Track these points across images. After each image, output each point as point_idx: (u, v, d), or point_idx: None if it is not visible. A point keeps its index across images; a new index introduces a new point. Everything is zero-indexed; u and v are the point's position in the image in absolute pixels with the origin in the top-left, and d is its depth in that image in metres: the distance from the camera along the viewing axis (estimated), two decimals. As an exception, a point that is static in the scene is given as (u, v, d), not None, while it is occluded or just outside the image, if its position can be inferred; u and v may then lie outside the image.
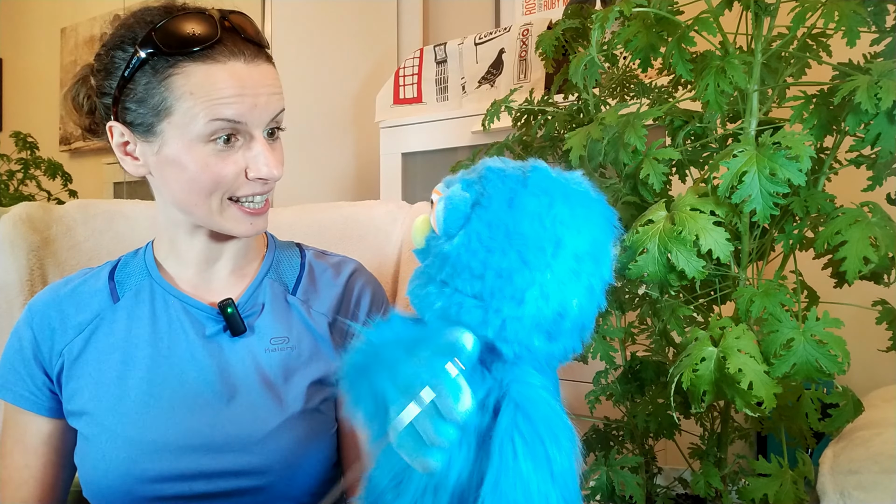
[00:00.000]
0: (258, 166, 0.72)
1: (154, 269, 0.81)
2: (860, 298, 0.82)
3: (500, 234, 0.48)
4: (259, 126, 0.72)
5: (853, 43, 0.71)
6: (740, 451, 1.09)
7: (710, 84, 0.76)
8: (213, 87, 0.69)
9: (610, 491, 0.92)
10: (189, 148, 0.70)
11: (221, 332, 0.79)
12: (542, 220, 0.48)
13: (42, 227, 1.02)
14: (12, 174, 2.48)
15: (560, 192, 0.49)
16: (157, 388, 0.75)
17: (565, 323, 0.48)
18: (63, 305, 0.80)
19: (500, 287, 0.47)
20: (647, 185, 0.81)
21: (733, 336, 0.71)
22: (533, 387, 0.49)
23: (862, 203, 0.75)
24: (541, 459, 0.46)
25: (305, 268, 0.86)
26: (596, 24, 0.84)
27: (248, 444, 0.74)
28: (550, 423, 0.48)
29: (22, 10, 3.37)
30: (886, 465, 0.71)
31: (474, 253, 0.48)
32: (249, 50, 0.71)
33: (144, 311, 0.79)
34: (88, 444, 0.75)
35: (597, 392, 1.04)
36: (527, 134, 1.13)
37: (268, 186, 0.75)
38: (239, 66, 0.70)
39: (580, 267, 0.48)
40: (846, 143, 0.79)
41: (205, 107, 0.68)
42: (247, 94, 0.70)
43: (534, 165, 0.51)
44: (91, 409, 0.75)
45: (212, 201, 0.73)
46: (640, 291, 0.98)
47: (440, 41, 1.96)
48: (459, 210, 0.49)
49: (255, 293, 0.82)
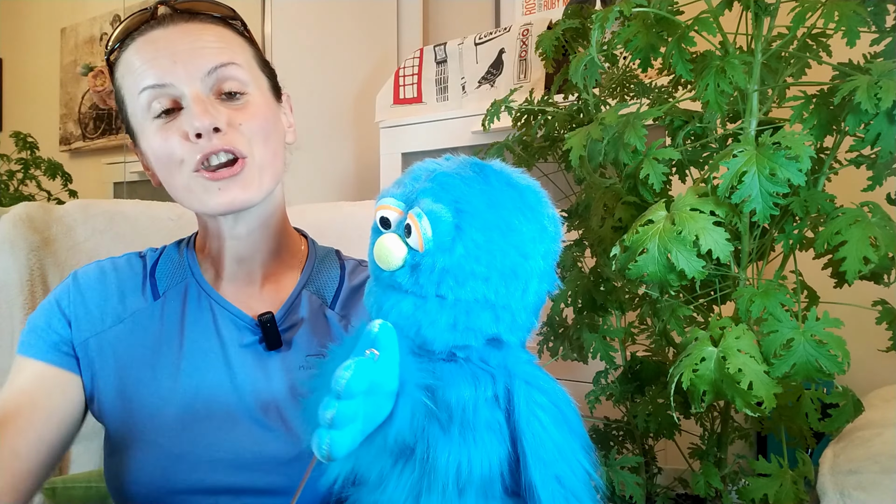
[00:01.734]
0: (188, 121, 0.66)
1: (197, 268, 0.78)
2: (860, 298, 0.82)
3: (495, 234, 0.49)
4: (189, 82, 0.67)
5: (853, 43, 0.71)
6: (740, 451, 1.09)
7: (710, 84, 0.76)
8: (134, 60, 0.69)
9: (610, 491, 0.92)
10: (144, 133, 0.70)
11: (257, 343, 0.75)
12: (523, 211, 0.50)
13: (42, 227, 1.02)
14: (12, 174, 2.48)
15: (512, 181, 0.52)
16: (191, 398, 0.72)
17: (544, 298, 0.53)
18: (108, 288, 0.76)
19: (505, 284, 0.49)
20: (647, 185, 0.81)
21: (733, 336, 0.71)
22: (528, 362, 0.53)
23: (862, 203, 0.75)
24: (561, 422, 0.51)
25: (345, 280, 0.82)
26: (596, 24, 0.84)
27: (278, 464, 0.71)
28: (553, 387, 0.52)
29: (22, 10, 3.37)
30: (886, 465, 0.71)
31: (477, 259, 0.48)
32: (175, 19, 0.70)
33: (181, 312, 0.76)
34: (122, 449, 0.72)
35: (597, 392, 1.04)
36: (527, 134, 1.13)
37: (215, 143, 0.67)
38: (157, 32, 0.69)
39: (554, 247, 0.52)
40: (846, 143, 0.79)
41: (133, 82, 0.68)
42: (161, 55, 0.67)
43: (470, 161, 0.53)
44: (125, 413, 0.72)
45: (179, 178, 0.69)
46: (640, 291, 0.99)
47: (440, 41, 1.96)
48: (447, 222, 0.48)
49: (293, 306, 0.78)
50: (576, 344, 1.04)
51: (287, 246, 0.81)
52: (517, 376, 0.51)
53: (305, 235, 0.87)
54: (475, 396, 0.51)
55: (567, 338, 1.06)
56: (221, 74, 0.69)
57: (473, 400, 0.51)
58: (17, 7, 3.40)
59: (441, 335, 0.50)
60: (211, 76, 0.68)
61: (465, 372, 0.52)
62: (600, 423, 1.08)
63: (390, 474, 0.53)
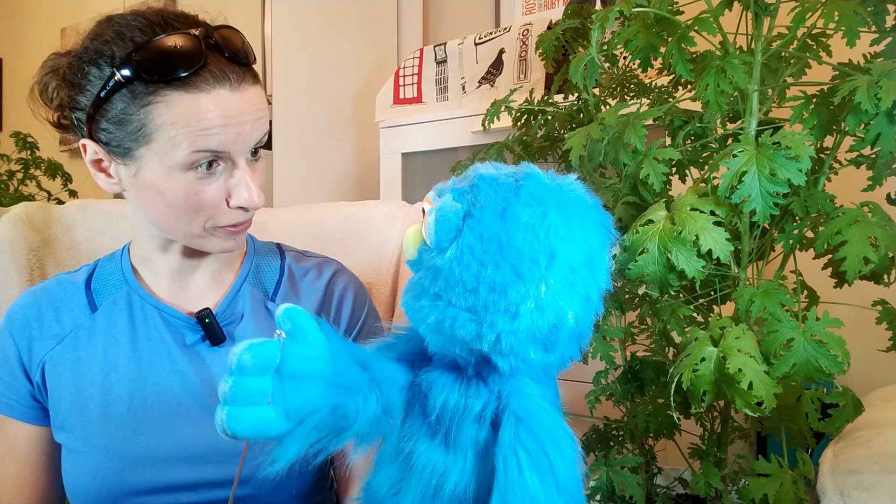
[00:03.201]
0: (240, 194, 0.69)
1: (131, 275, 0.79)
2: (860, 298, 0.82)
3: (492, 246, 0.46)
4: (242, 153, 0.69)
5: (853, 43, 0.71)
6: (740, 451, 1.09)
7: (710, 84, 0.76)
8: (196, 118, 0.65)
9: (610, 491, 0.92)
10: (169, 175, 0.67)
11: (201, 341, 0.77)
12: (536, 231, 0.46)
13: (42, 227, 1.02)
14: (12, 174, 2.48)
15: (553, 200, 0.48)
16: (139, 399, 0.74)
17: (561, 334, 0.47)
18: (42, 313, 0.78)
19: (493, 301, 0.46)
20: (647, 185, 0.81)
21: (733, 336, 0.71)
22: (532, 398, 0.49)
23: (862, 203, 0.75)
24: (546, 471, 0.46)
25: (285, 272, 0.84)
26: (596, 24, 0.84)
27: (231, 454, 0.73)
28: (552, 433, 0.48)
29: (22, 10, 3.37)
30: (886, 465, 0.71)
31: (467, 266, 0.46)
32: (235, 73, 0.67)
33: (123, 321, 0.77)
34: (73, 456, 0.74)
35: (597, 392, 1.04)
36: (527, 134, 1.13)
37: (249, 214, 0.73)
38: (224, 93, 0.66)
39: (575, 277, 0.47)
40: (846, 143, 0.79)
41: (187, 137, 0.65)
42: (231, 124, 0.66)
43: (526, 172, 0.50)
44: (73, 422, 0.74)
45: (192, 227, 0.71)
46: (640, 291, 0.98)
47: (440, 41, 1.96)
48: (451, 222, 0.47)
49: (233, 301, 0.80)
50: (576, 344, 1.04)
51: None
52: (510, 407, 0.48)
53: None
54: (462, 407, 0.49)
55: (567, 338, 1.06)
56: (260, 141, 0.71)
57: (460, 410, 0.49)
58: (17, 7, 3.40)
59: (428, 334, 0.50)
60: (256, 145, 0.71)
61: (459, 382, 0.51)
62: (600, 423, 1.08)
63: (381, 464, 0.54)
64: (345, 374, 0.48)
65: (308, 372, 0.46)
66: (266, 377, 0.44)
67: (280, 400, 0.44)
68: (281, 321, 0.46)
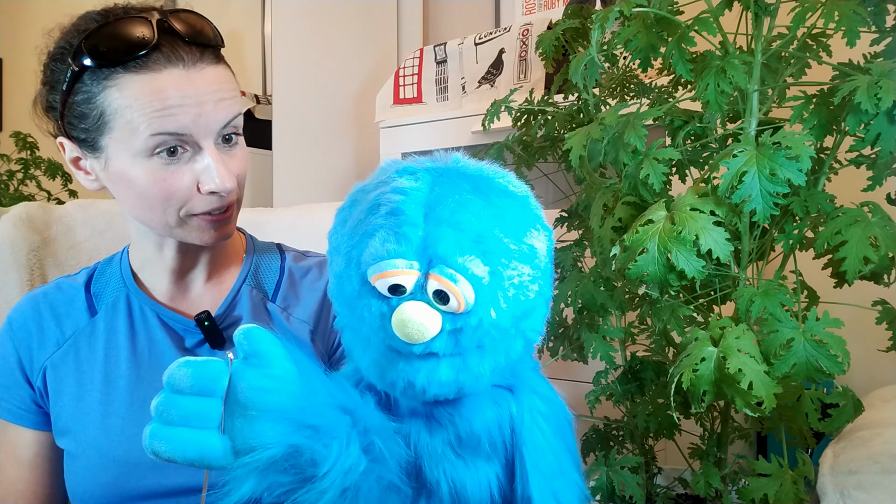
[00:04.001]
0: (209, 178, 0.67)
1: (130, 279, 0.79)
2: (860, 298, 0.82)
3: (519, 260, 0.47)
4: (207, 136, 0.67)
5: (853, 43, 0.71)
6: (740, 451, 1.09)
7: (710, 84, 0.76)
8: (149, 98, 0.64)
9: (610, 491, 0.92)
10: (134, 163, 0.66)
11: (200, 344, 0.77)
12: (530, 221, 0.49)
13: (42, 227, 1.02)
14: (12, 174, 2.48)
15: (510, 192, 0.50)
16: (139, 403, 0.74)
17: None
18: (42, 318, 0.78)
19: (537, 310, 0.49)
20: (647, 185, 0.81)
21: (733, 336, 0.71)
22: (534, 369, 0.53)
23: (862, 203, 0.75)
24: (559, 435, 0.50)
25: (285, 272, 0.83)
26: (596, 24, 0.84)
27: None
28: (555, 399, 0.52)
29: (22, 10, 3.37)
30: (886, 465, 0.71)
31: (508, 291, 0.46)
32: (190, 54, 0.66)
33: (123, 324, 0.77)
34: (75, 462, 0.74)
35: (597, 392, 1.04)
36: (527, 134, 1.13)
37: (225, 200, 0.70)
38: (177, 73, 0.65)
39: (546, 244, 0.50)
40: (846, 143, 0.79)
41: (144, 120, 0.64)
42: (188, 105, 0.65)
43: (455, 172, 0.48)
44: (75, 427, 0.74)
45: (167, 216, 0.69)
46: (640, 291, 0.98)
47: (440, 41, 1.96)
48: (483, 273, 0.44)
49: (232, 303, 0.79)
50: (576, 344, 1.04)
51: (227, 247, 0.82)
52: (524, 383, 0.50)
53: (244, 232, 0.88)
54: (499, 416, 0.49)
55: (567, 338, 1.06)
56: (232, 125, 0.70)
57: (497, 421, 0.49)
58: (17, 7, 3.40)
59: (484, 384, 0.48)
60: (224, 128, 0.69)
61: (485, 396, 0.50)
62: (600, 423, 1.08)
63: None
64: (314, 414, 0.43)
65: (261, 403, 0.42)
66: (205, 399, 0.42)
67: (228, 428, 0.42)
68: (239, 342, 0.44)
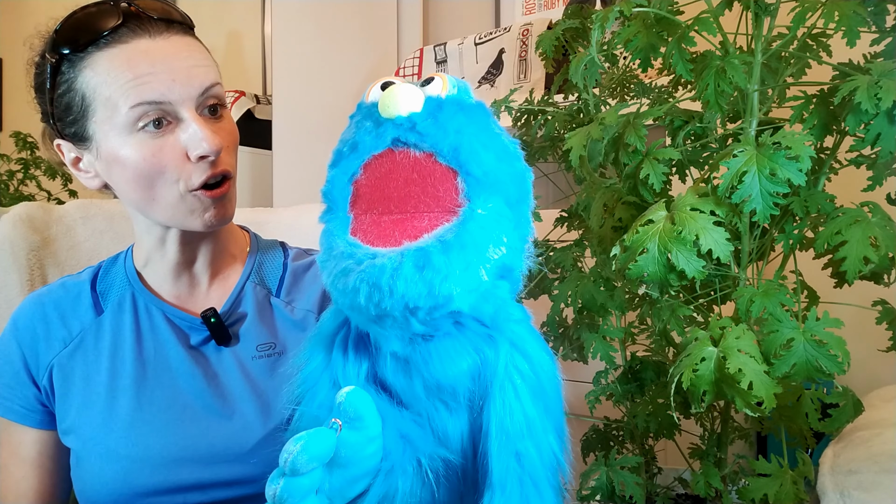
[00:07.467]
0: (195, 144, 0.68)
1: (135, 277, 0.80)
2: (860, 298, 0.82)
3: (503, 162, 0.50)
4: (186, 102, 0.68)
5: (853, 43, 0.71)
6: (740, 451, 1.09)
7: (710, 84, 0.76)
8: (121, 70, 0.66)
9: (610, 491, 0.92)
10: (122, 142, 0.68)
11: (206, 341, 0.77)
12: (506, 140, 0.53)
13: (42, 227, 1.02)
14: (12, 174, 2.48)
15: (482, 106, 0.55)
16: (146, 401, 0.74)
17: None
18: (48, 317, 0.78)
19: (517, 201, 0.48)
20: (647, 185, 0.81)
21: (733, 336, 0.71)
22: (520, 321, 0.49)
23: (862, 203, 0.75)
24: (539, 396, 0.47)
25: (288, 268, 0.85)
26: (596, 24, 0.84)
27: (240, 454, 0.73)
28: (540, 357, 0.48)
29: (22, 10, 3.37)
30: (886, 465, 0.72)
31: (490, 162, 0.49)
32: (157, 26, 0.68)
33: (129, 322, 0.77)
34: (81, 460, 0.74)
35: (597, 392, 1.04)
36: (527, 134, 1.13)
37: (219, 168, 0.70)
38: (145, 42, 0.67)
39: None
40: (846, 143, 0.79)
41: (122, 93, 0.66)
42: (160, 71, 0.66)
43: (428, 99, 0.50)
44: (81, 425, 0.74)
45: (166, 193, 0.70)
46: (640, 291, 0.99)
47: (440, 41, 1.96)
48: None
49: (237, 300, 0.80)
50: (576, 344, 1.04)
51: (230, 243, 0.83)
52: (503, 335, 0.47)
53: (248, 231, 0.88)
54: (478, 365, 0.47)
55: (567, 338, 1.06)
56: (209, 93, 0.70)
57: (471, 371, 0.47)
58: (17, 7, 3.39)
59: (462, 293, 0.43)
60: (202, 96, 0.70)
61: (465, 344, 0.47)
62: (600, 423, 1.08)
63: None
64: (391, 454, 0.46)
65: (358, 461, 0.43)
66: (318, 471, 0.42)
67: (325, 488, 0.42)
68: (344, 409, 0.43)
